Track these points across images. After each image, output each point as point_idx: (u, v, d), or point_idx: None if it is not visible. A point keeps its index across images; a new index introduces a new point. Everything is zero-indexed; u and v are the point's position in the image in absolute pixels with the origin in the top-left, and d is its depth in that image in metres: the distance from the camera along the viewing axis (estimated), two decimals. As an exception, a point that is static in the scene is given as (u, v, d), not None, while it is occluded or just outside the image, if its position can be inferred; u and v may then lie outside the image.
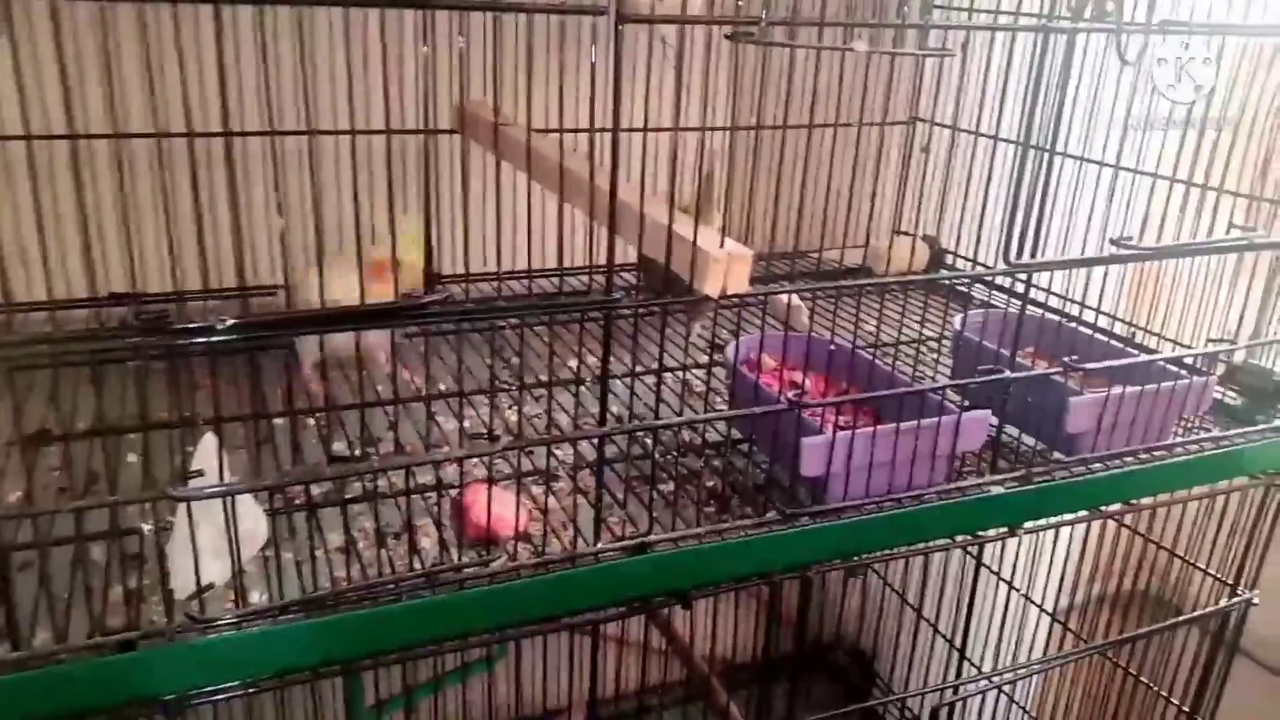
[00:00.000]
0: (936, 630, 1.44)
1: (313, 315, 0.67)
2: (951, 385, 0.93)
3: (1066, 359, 0.94)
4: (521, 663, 1.01)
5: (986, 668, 1.30)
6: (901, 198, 1.37)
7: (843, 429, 0.86)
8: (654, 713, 1.58)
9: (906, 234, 1.38)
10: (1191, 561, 1.20)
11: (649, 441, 0.99)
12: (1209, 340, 1.07)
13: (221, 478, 0.69)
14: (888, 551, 0.92)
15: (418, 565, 0.76)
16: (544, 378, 1.07)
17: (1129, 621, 1.42)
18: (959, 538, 0.95)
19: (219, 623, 0.68)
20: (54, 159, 0.92)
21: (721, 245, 0.77)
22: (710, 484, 0.93)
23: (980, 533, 0.97)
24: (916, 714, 1.56)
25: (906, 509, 0.88)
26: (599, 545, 0.80)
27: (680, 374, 1.13)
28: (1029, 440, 1.02)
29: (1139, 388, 0.96)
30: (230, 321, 0.64)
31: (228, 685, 0.72)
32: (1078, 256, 0.93)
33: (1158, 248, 0.92)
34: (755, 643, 1.75)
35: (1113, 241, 0.89)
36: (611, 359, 0.77)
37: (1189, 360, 1.07)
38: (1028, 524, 0.98)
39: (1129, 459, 0.99)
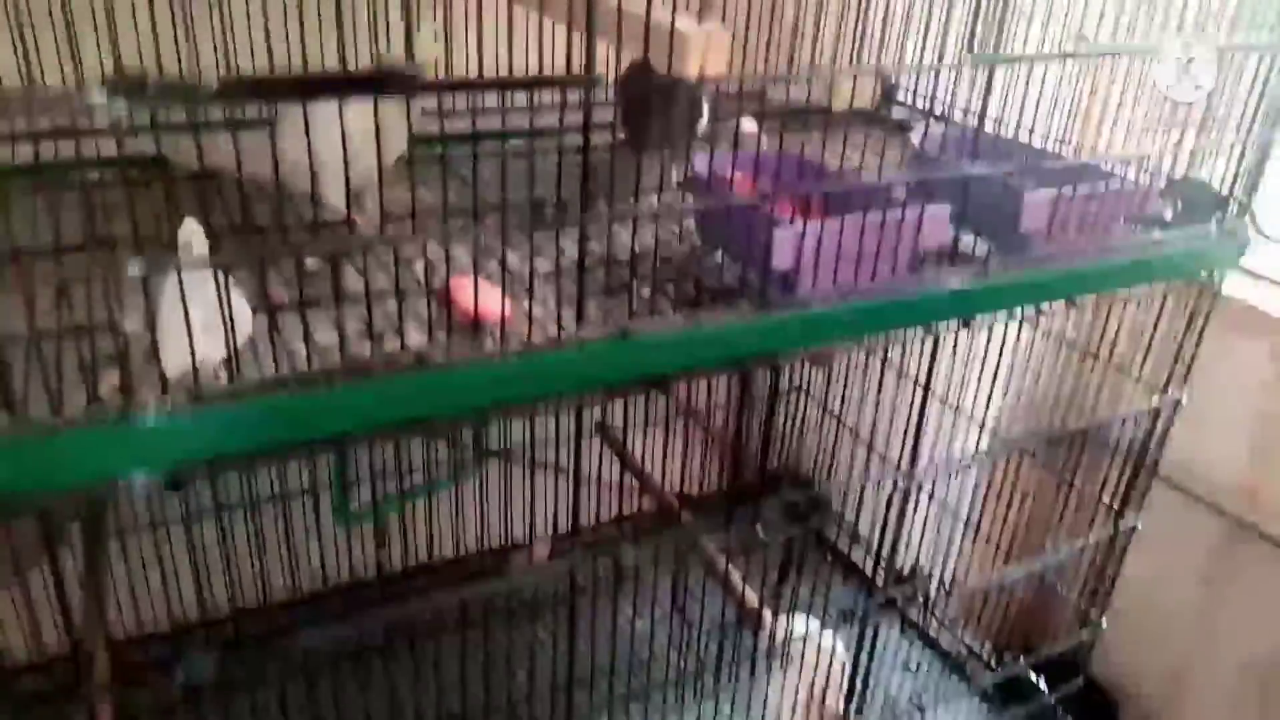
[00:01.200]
0: (885, 460, 1.52)
1: (295, 82, 0.67)
2: (913, 178, 0.97)
3: (1020, 160, 0.98)
4: (509, 489, 1.04)
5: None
6: (860, 35, 1.38)
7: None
8: (629, 539, 1.65)
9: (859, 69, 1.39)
10: (1125, 370, 1.29)
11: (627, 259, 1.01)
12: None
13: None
14: (852, 339, 0.96)
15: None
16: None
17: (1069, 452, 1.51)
18: (918, 329, 1.00)
19: (214, 394, 0.70)
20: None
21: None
22: (686, 287, 0.96)
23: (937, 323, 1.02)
24: (866, 536, 1.66)
25: (870, 300, 0.93)
26: (582, 332, 0.83)
27: (656, 198, 1.14)
28: (984, 248, 1.07)
29: (1088, 186, 1.01)
30: (215, 86, 0.63)
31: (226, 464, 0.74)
32: (1036, 53, 0.96)
33: (1112, 44, 0.96)
34: (720, 482, 1.85)
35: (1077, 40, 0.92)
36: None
37: (1133, 177, 1.12)
38: (980, 316, 1.04)
39: (1076, 258, 1.05)
